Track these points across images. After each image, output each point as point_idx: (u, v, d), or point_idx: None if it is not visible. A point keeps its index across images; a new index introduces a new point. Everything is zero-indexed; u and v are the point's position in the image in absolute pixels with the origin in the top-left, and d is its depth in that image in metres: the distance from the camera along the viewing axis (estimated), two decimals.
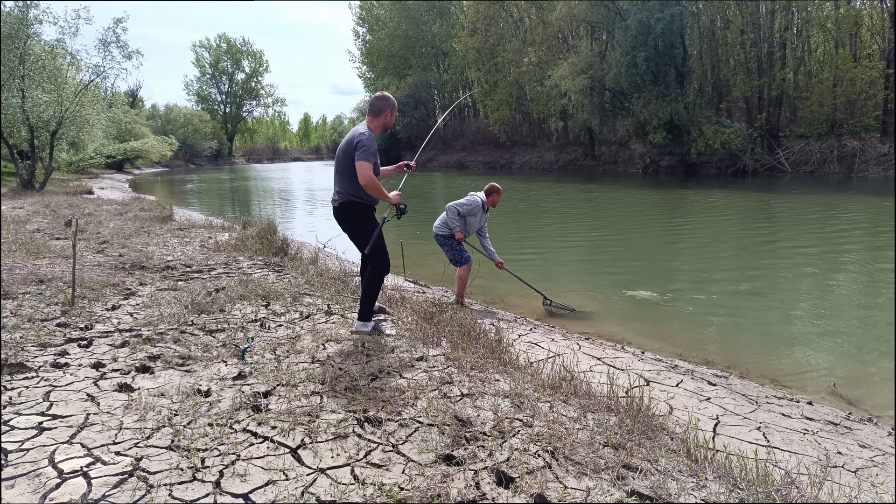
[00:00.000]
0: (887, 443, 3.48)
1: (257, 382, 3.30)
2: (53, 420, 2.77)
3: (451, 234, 6.15)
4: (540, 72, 39.32)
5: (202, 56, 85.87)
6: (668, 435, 2.91)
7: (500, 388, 3.33)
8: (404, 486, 2.27)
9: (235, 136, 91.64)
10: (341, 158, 4.15)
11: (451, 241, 6.17)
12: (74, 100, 21.30)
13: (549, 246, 11.50)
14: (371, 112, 4.24)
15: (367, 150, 4.00)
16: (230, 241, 8.80)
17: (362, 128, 4.14)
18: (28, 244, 8.05)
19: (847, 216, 14.91)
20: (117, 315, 4.63)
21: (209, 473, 2.32)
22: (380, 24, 63.60)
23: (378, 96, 4.28)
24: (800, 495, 2.37)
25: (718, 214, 16.25)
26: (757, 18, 30.97)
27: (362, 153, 3.98)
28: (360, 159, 3.97)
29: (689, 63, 32.33)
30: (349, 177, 4.10)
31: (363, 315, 4.31)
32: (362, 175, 3.96)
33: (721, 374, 4.66)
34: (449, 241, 6.18)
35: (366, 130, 4.11)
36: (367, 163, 3.98)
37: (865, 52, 29.04)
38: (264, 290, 5.46)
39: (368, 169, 3.98)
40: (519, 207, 18.50)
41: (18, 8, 19.56)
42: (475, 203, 6.13)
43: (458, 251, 6.17)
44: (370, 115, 4.25)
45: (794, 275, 8.51)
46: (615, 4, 34.25)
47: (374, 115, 4.23)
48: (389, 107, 4.24)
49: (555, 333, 5.50)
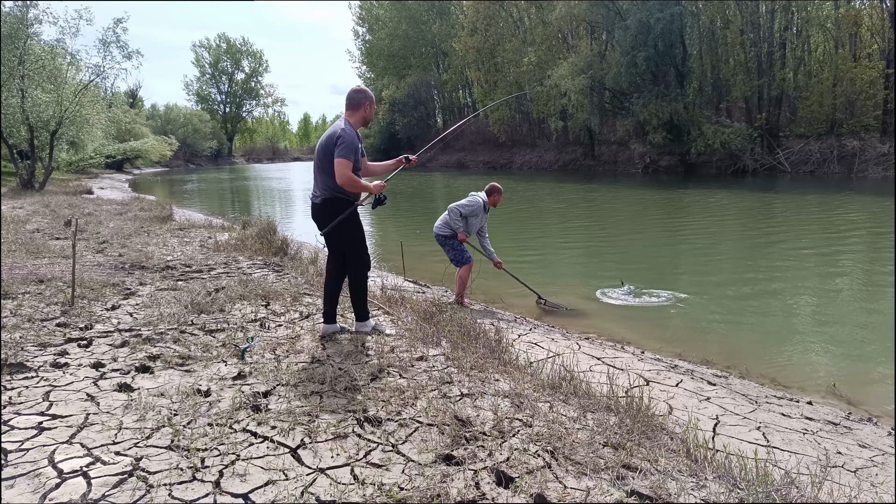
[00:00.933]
0: (887, 443, 3.48)
1: (257, 382, 3.30)
2: (53, 420, 2.77)
3: (453, 234, 6.16)
4: (540, 72, 39.33)
5: (202, 56, 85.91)
6: (668, 435, 2.91)
7: (499, 388, 3.33)
8: (404, 486, 2.27)
9: (235, 136, 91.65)
10: (321, 155, 4.02)
11: (452, 241, 6.19)
12: (74, 100, 21.29)
13: (549, 246, 11.50)
14: (350, 106, 4.09)
15: (347, 146, 3.86)
16: (230, 241, 8.80)
17: (342, 123, 4.01)
18: (28, 244, 8.05)
19: (847, 216, 14.91)
20: (117, 315, 4.63)
21: (209, 473, 2.32)
22: (380, 23, 63.60)
23: (355, 89, 4.12)
24: (800, 495, 2.37)
25: (718, 214, 16.25)
26: (757, 18, 30.97)
27: (342, 149, 3.85)
28: (340, 156, 3.84)
29: (689, 63, 32.33)
30: (331, 173, 3.96)
31: (360, 315, 4.27)
32: (340, 174, 3.84)
33: (721, 374, 4.66)
34: (450, 242, 6.19)
35: (346, 126, 3.98)
36: (346, 160, 3.85)
37: (865, 52, 29.04)
38: (264, 289, 5.45)
39: (347, 167, 3.85)
40: (519, 207, 18.50)
41: (18, 8, 19.57)
42: (477, 204, 6.15)
43: (459, 251, 6.18)
44: (349, 110, 4.10)
45: (794, 275, 8.51)
46: (615, 4, 34.25)
47: (353, 108, 4.08)
48: (368, 100, 4.10)
49: (555, 333, 5.50)
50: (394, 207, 20.13)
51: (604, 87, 35.22)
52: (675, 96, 30.63)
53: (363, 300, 4.24)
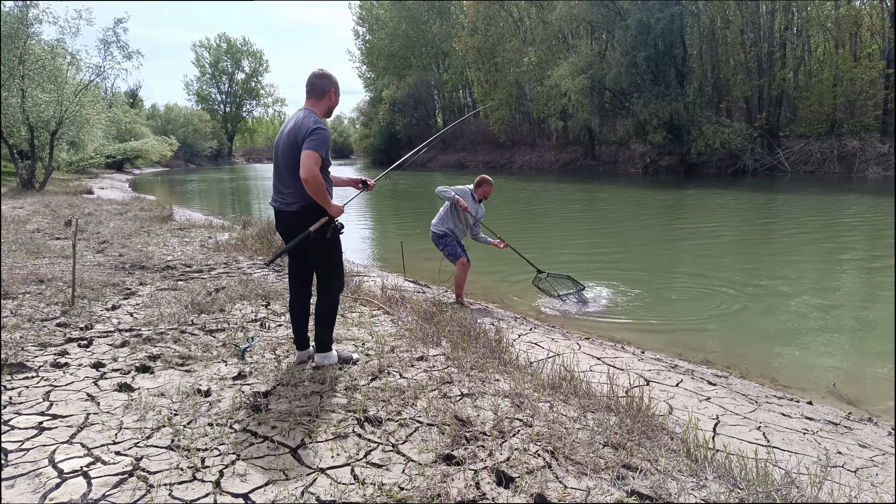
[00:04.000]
0: (887, 443, 3.48)
1: (257, 382, 3.30)
2: (53, 420, 2.77)
3: (444, 232, 6.21)
4: (540, 72, 39.32)
5: (202, 56, 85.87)
6: (668, 435, 2.91)
7: (500, 388, 3.33)
8: (404, 486, 2.27)
9: (235, 136, 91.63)
10: (288, 151, 3.34)
11: (444, 240, 6.26)
12: (74, 100, 21.30)
13: (549, 246, 11.49)
14: (313, 94, 3.45)
15: (321, 140, 3.24)
16: (230, 241, 8.80)
17: (309, 114, 3.37)
18: (28, 244, 8.05)
19: (847, 216, 14.91)
20: (117, 315, 4.63)
21: (209, 473, 2.32)
22: (380, 23, 63.54)
23: (318, 74, 3.48)
24: (800, 495, 2.37)
25: (718, 214, 16.25)
26: (757, 18, 30.96)
27: (315, 142, 3.21)
28: (310, 147, 3.20)
29: (689, 63, 32.30)
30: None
31: (325, 344, 3.55)
32: (306, 168, 3.15)
33: (721, 374, 4.66)
34: (443, 240, 6.26)
35: (317, 118, 3.36)
36: (317, 153, 3.21)
37: (865, 52, 29.00)
38: (264, 289, 5.46)
39: (316, 162, 3.20)
40: (519, 207, 18.50)
41: (18, 8, 19.58)
42: (463, 190, 6.20)
43: (452, 247, 6.21)
44: (312, 98, 3.46)
45: (794, 274, 8.51)
46: (615, 4, 34.22)
47: (317, 97, 3.45)
48: (333, 86, 3.48)
49: (555, 333, 5.50)
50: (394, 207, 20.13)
51: (604, 87, 35.20)
52: (675, 96, 30.61)
53: (331, 324, 3.59)
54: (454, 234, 6.26)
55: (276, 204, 3.49)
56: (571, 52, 38.47)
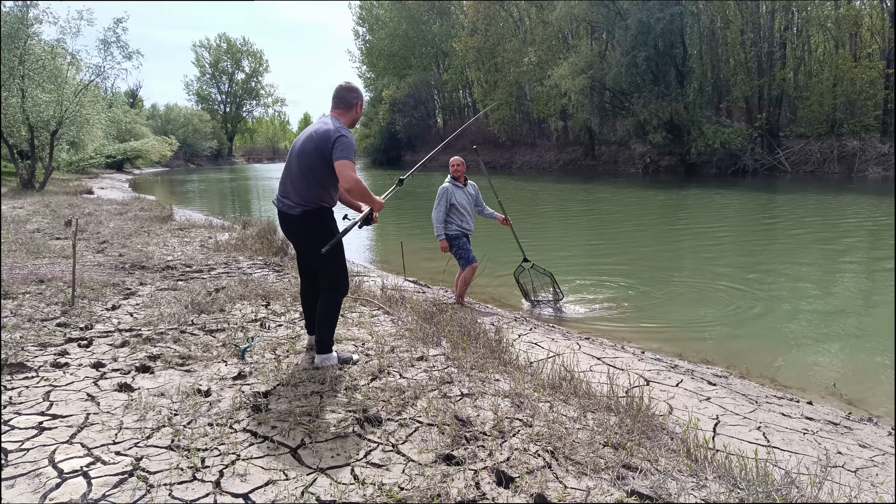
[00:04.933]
0: (887, 443, 3.48)
1: (257, 382, 3.30)
2: (53, 420, 2.77)
3: (456, 234, 6.14)
4: (540, 72, 39.32)
5: (202, 56, 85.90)
6: (668, 435, 2.91)
7: (500, 388, 3.33)
8: (404, 486, 2.27)
9: (235, 136, 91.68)
10: (307, 159, 3.43)
11: (458, 241, 6.16)
12: (74, 100, 21.31)
13: (549, 245, 11.49)
14: (341, 105, 3.57)
15: (348, 147, 3.33)
16: (230, 241, 8.81)
17: (336, 122, 3.47)
18: (28, 244, 8.05)
19: (847, 216, 14.91)
20: (117, 315, 4.63)
21: (209, 473, 2.32)
22: (380, 23, 63.56)
23: (346, 87, 3.60)
24: (800, 495, 2.37)
25: (718, 214, 16.25)
26: (757, 18, 30.97)
27: (344, 151, 3.31)
28: (342, 157, 3.29)
29: (689, 63, 32.30)
30: (318, 181, 3.44)
31: (326, 345, 3.57)
32: (346, 177, 3.25)
33: (721, 374, 4.66)
34: (456, 242, 6.16)
35: (341, 124, 3.47)
36: (350, 161, 3.31)
37: (865, 52, 29.03)
38: (264, 289, 5.45)
39: (353, 169, 3.32)
40: (519, 207, 18.50)
41: (18, 8, 19.57)
42: (442, 194, 6.14)
43: (464, 251, 6.15)
44: (340, 109, 3.57)
45: (795, 274, 8.50)
46: (615, 4, 34.23)
47: (345, 108, 3.57)
48: (360, 99, 3.63)
49: (555, 333, 5.50)
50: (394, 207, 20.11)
51: (604, 87, 35.21)
52: (675, 96, 30.62)
53: (333, 326, 3.62)
54: (462, 230, 6.18)
55: (281, 206, 3.56)
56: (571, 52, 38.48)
